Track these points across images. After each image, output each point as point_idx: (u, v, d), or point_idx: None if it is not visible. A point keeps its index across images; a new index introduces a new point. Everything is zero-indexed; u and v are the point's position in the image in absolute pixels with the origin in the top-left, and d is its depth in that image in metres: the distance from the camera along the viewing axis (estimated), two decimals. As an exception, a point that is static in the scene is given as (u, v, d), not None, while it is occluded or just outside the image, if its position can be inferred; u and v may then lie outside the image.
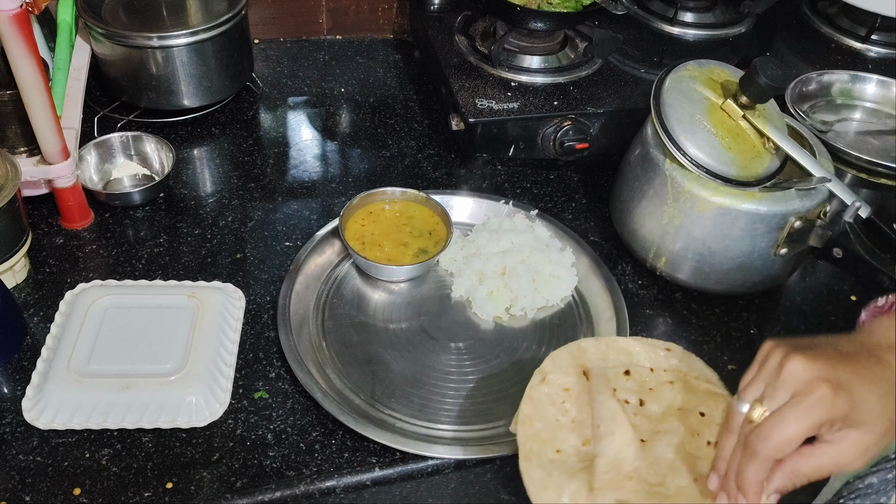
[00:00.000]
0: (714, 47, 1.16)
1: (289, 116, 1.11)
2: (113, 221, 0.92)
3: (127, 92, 1.03)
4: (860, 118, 1.05)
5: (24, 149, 0.86)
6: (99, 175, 0.97)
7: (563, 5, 1.03)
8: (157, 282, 0.84)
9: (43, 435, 0.70)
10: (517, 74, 1.03)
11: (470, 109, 0.97)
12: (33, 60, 0.76)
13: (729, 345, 0.84)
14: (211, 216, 0.94)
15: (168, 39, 0.97)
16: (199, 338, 0.76)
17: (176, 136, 1.05)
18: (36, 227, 0.90)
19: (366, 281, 0.87)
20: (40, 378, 0.73)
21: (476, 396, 0.77)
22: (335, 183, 1.00)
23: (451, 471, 0.72)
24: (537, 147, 1.01)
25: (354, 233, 0.88)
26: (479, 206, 0.95)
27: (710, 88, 0.83)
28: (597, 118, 0.99)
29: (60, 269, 0.86)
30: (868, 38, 1.20)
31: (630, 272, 0.91)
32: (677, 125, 0.80)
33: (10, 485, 0.67)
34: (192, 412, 0.71)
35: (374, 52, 1.25)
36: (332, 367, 0.78)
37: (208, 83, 1.03)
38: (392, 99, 1.16)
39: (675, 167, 0.82)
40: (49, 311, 0.80)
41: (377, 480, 0.70)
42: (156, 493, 0.67)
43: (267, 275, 0.87)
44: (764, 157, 0.81)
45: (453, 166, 1.04)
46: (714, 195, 0.80)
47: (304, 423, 0.73)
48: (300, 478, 0.69)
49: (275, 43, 1.25)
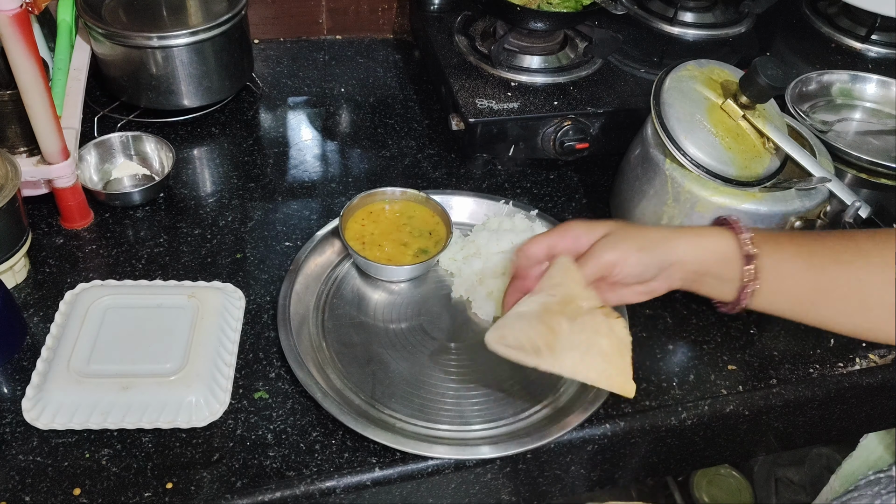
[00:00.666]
0: (714, 47, 1.16)
1: (289, 116, 1.11)
2: (113, 221, 0.92)
3: (127, 92, 1.03)
4: (860, 118, 1.05)
5: (24, 149, 0.86)
6: (99, 175, 0.97)
7: (563, 5, 1.03)
8: (157, 282, 0.84)
9: (43, 435, 0.70)
10: (517, 74, 1.03)
11: (470, 109, 0.97)
12: (33, 60, 0.76)
13: (729, 345, 0.84)
14: (211, 216, 0.94)
15: (168, 39, 0.97)
16: (199, 338, 0.76)
17: (176, 136, 1.05)
18: (36, 227, 0.90)
19: (366, 281, 0.87)
20: (40, 378, 0.73)
21: (476, 396, 0.77)
22: (335, 183, 1.00)
23: (451, 471, 0.72)
24: (537, 147, 1.01)
25: (354, 233, 0.88)
26: (479, 206, 0.95)
27: (710, 88, 0.83)
28: (597, 118, 0.99)
29: (60, 269, 0.86)
30: (868, 38, 1.20)
31: (630, 272, 0.91)
32: (677, 125, 0.80)
33: (9, 485, 0.67)
34: (192, 412, 0.71)
35: (374, 52, 1.25)
36: (332, 368, 0.78)
37: (208, 83, 1.03)
38: (392, 99, 1.16)
39: (675, 167, 0.82)
40: (49, 311, 0.80)
41: (377, 480, 0.70)
42: (156, 493, 0.67)
43: (267, 275, 0.87)
44: (764, 157, 0.81)
45: (453, 166, 1.04)
46: (714, 195, 0.80)
47: (304, 424, 0.73)
48: (300, 478, 0.69)
49: (275, 43, 1.25)
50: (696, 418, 0.78)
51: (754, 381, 0.81)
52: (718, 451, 0.86)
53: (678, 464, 0.86)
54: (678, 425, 0.78)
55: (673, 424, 0.78)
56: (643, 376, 0.80)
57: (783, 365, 0.83)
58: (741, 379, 0.81)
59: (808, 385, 0.82)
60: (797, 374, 0.82)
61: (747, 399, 0.80)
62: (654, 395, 0.79)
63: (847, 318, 0.66)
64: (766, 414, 0.82)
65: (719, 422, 0.80)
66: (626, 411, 0.77)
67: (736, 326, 0.86)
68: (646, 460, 0.82)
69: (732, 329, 0.86)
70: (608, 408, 0.77)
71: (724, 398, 0.79)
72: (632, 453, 0.80)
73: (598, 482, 0.83)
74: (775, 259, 0.65)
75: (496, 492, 0.77)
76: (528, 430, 0.73)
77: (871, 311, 0.64)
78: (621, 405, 0.77)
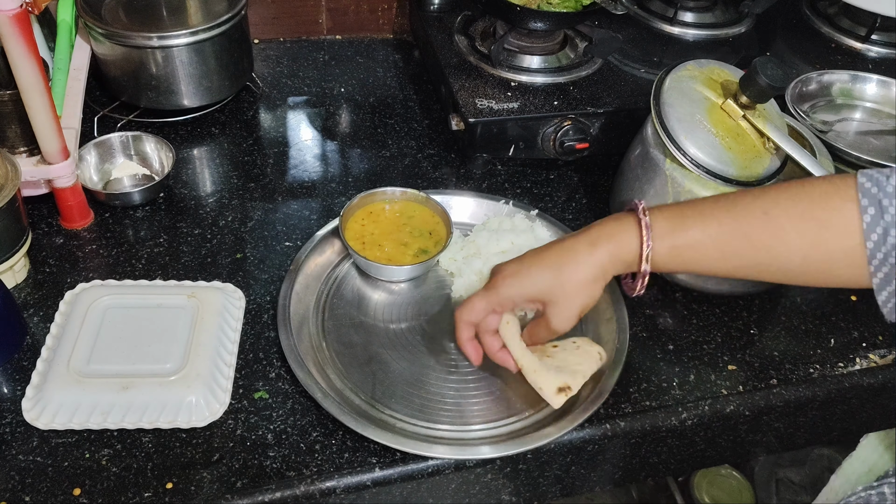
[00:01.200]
0: (714, 47, 1.16)
1: (289, 116, 1.11)
2: (113, 221, 0.92)
3: (127, 92, 1.03)
4: (860, 118, 1.05)
5: (24, 149, 0.86)
6: (99, 175, 0.97)
7: (563, 5, 1.03)
8: (157, 282, 0.84)
9: (43, 435, 0.70)
10: (517, 74, 1.03)
11: (470, 109, 0.97)
12: (33, 60, 0.76)
13: (729, 345, 0.84)
14: (211, 216, 0.94)
15: (168, 39, 0.97)
16: (199, 338, 0.76)
17: (176, 136, 1.05)
18: (36, 227, 0.90)
19: (366, 281, 0.87)
20: (40, 378, 0.73)
21: (476, 396, 0.77)
22: (335, 183, 1.00)
23: (451, 471, 0.72)
24: (537, 147, 1.01)
25: (354, 232, 0.88)
26: (479, 207, 0.95)
27: (711, 88, 0.83)
28: (597, 118, 0.99)
29: (60, 269, 0.86)
30: (868, 38, 1.20)
31: (630, 272, 0.91)
32: (677, 125, 0.80)
33: (9, 485, 0.67)
34: (192, 412, 0.71)
35: (374, 52, 1.25)
36: (332, 368, 0.78)
37: (208, 83, 1.03)
38: (392, 99, 1.16)
39: (675, 167, 0.82)
40: (49, 311, 0.80)
41: (377, 481, 0.70)
42: (156, 494, 0.67)
43: (267, 275, 0.87)
44: (764, 157, 0.81)
45: (453, 166, 1.04)
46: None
47: (305, 424, 0.73)
48: (300, 478, 0.69)
49: (275, 43, 1.25)
50: (696, 418, 0.78)
51: (755, 382, 0.81)
52: (719, 452, 0.86)
53: (678, 464, 0.86)
54: (678, 425, 0.78)
55: (673, 424, 0.78)
56: (643, 376, 0.80)
57: (783, 365, 0.83)
58: (741, 379, 0.81)
59: (808, 385, 0.82)
60: (797, 375, 0.82)
61: (748, 399, 0.80)
62: (655, 395, 0.79)
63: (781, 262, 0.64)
64: (766, 414, 0.82)
65: (720, 422, 0.80)
66: (626, 411, 0.77)
67: (736, 326, 0.86)
68: (646, 460, 0.82)
69: (733, 329, 0.86)
70: (608, 408, 0.77)
71: (724, 398, 0.79)
72: (632, 453, 0.80)
73: (598, 482, 0.83)
74: (665, 216, 0.66)
75: (496, 492, 0.77)
76: (528, 429, 0.73)
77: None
78: (621, 405, 0.77)
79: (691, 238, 0.65)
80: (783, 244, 0.63)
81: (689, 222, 0.65)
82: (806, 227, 0.62)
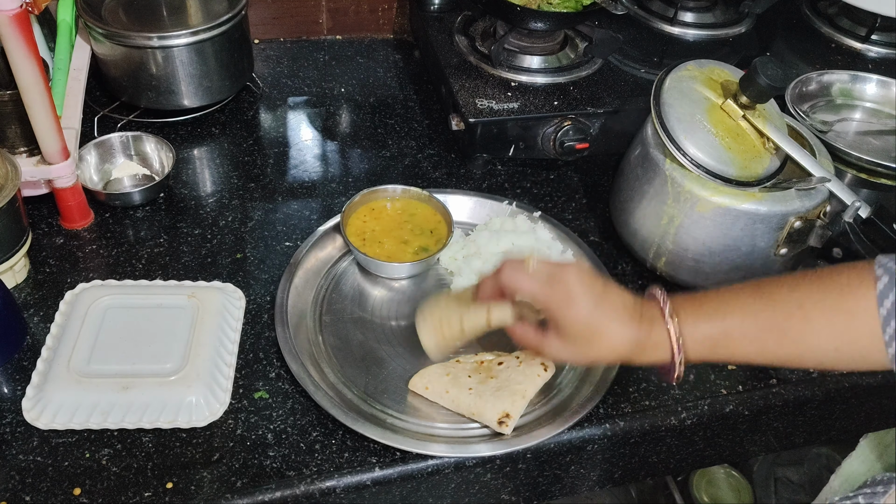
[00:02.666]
0: (714, 47, 1.16)
1: (289, 116, 1.11)
2: (113, 221, 0.92)
3: (127, 92, 1.03)
4: (860, 118, 1.05)
5: (24, 149, 0.86)
6: (99, 175, 0.97)
7: (563, 5, 1.03)
8: (157, 282, 0.84)
9: (43, 435, 0.70)
10: (517, 74, 1.03)
11: (470, 109, 0.97)
12: (33, 60, 0.76)
13: (729, 345, 0.84)
14: (211, 216, 0.94)
15: (168, 39, 0.97)
16: (199, 338, 0.76)
17: (176, 136, 1.05)
18: (36, 227, 0.90)
19: (366, 277, 0.87)
20: (40, 378, 0.73)
21: (476, 396, 0.77)
22: (335, 183, 1.01)
23: (451, 470, 0.72)
24: (537, 147, 1.01)
25: (356, 229, 0.88)
26: (480, 206, 0.95)
27: (710, 88, 0.83)
28: (597, 118, 0.99)
29: (60, 269, 0.86)
30: (868, 38, 1.20)
31: (630, 272, 0.91)
32: (677, 125, 0.80)
33: (10, 485, 0.67)
34: (192, 412, 0.71)
35: (374, 52, 1.25)
36: (328, 362, 0.78)
37: (208, 83, 1.03)
38: (392, 99, 1.16)
39: (675, 167, 0.82)
40: (49, 311, 0.80)
41: (377, 480, 0.71)
42: (156, 493, 0.67)
43: (267, 275, 0.87)
44: (764, 157, 0.81)
45: (453, 166, 1.04)
46: (714, 195, 0.80)
47: (305, 423, 0.73)
48: (300, 478, 0.69)
49: (275, 43, 1.25)
50: (695, 418, 0.78)
51: (754, 381, 0.81)
52: (718, 451, 0.86)
53: (678, 463, 0.86)
54: (678, 425, 0.78)
55: (673, 424, 0.78)
56: (643, 376, 0.80)
57: (783, 365, 0.83)
58: (741, 379, 0.81)
59: (807, 385, 0.82)
60: (797, 374, 0.82)
61: (747, 399, 0.80)
62: (654, 395, 0.79)
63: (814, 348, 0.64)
64: (765, 414, 0.82)
65: (719, 421, 0.80)
66: (625, 411, 0.77)
67: (736, 326, 0.86)
68: (646, 460, 0.82)
69: (732, 329, 0.86)
70: (608, 408, 0.77)
71: (723, 398, 0.79)
72: (632, 453, 0.80)
73: (598, 482, 0.83)
74: (698, 315, 0.64)
75: (496, 491, 0.77)
76: (528, 429, 0.73)
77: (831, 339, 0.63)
78: (621, 405, 0.77)
79: (727, 339, 0.64)
80: (816, 337, 0.62)
81: (727, 322, 0.64)
82: (837, 321, 0.61)
